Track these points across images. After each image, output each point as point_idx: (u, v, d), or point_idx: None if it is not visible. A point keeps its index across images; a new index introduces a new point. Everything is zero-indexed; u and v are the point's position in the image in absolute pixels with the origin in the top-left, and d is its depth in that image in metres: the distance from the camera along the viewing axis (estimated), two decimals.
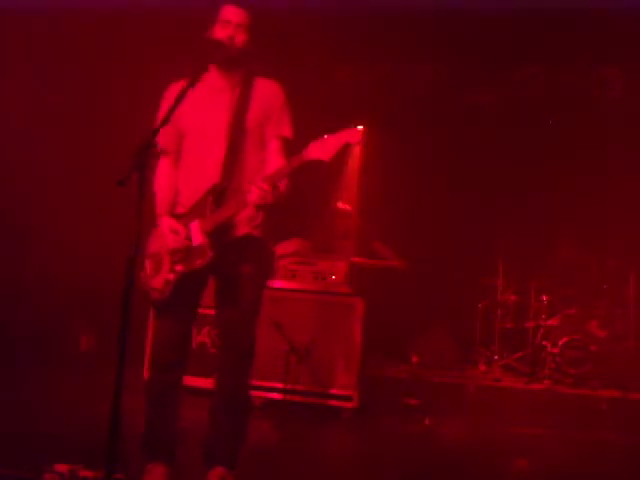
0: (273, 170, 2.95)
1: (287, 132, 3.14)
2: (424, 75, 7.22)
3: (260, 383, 4.98)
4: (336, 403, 4.94)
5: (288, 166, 2.86)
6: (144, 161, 2.36)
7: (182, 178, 3.11)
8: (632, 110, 6.83)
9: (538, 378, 6.02)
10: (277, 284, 5.31)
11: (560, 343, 6.09)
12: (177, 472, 3.08)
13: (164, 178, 3.12)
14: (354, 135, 2.77)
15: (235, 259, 3.03)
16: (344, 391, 4.94)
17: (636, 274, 6.36)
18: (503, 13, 5.86)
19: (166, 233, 3.00)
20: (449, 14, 5.89)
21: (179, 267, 2.97)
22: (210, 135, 3.03)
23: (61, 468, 2.97)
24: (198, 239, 2.96)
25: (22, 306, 6.36)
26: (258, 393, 4.98)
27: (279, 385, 4.93)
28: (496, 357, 6.50)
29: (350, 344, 5.00)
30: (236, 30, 2.99)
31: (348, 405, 4.92)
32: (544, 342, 6.26)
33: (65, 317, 6.64)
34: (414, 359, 6.55)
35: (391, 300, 6.23)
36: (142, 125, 3.12)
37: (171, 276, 2.98)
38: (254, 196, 2.81)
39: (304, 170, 2.83)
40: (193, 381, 4.65)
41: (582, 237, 6.62)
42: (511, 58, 6.64)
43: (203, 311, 3.26)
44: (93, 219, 6.45)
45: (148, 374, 3.08)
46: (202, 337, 5.26)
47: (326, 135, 2.79)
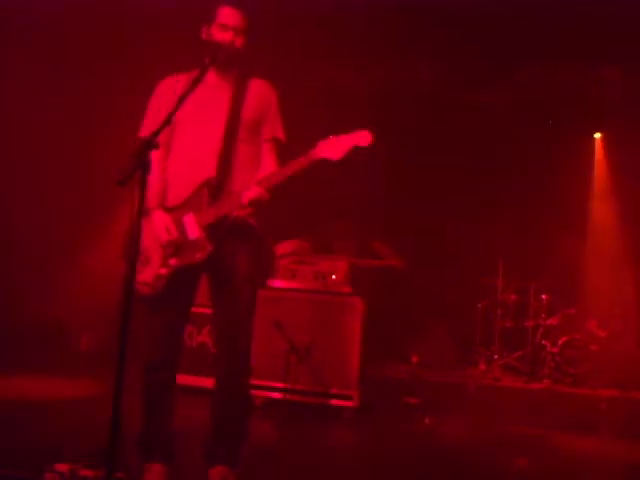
0: (272, 168, 2.98)
1: (280, 134, 3.17)
2: (424, 75, 7.22)
3: (260, 382, 4.99)
4: (336, 402, 4.95)
5: (297, 164, 2.84)
6: (145, 161, 2.36)
7: (173, 171, 3.09)
8: (632, 110, 6.84)
9: (538, 377, 6.04)
10: (277, 284, 5.32)
11: (560, 342, 6.10)
12: (178, 471, 3.09)
13: (154, 171, 3.01)
14: (365, 137, 2.78)
15: (229, 250, 2.99)
16: (344, 390, 4.94)
17: (635, 274, 6.37)
18: (503, 13, 5.86)
19: (160, 227, 2.96)
20: (449, 14, 5.88)
21: (173, 261, 2.94)
22: (204, 130, 3.03)
23: (61, 467, 2.97)
24: (195, 233, 2.93)
25: (22, 306, 6.36)
26: (258, 393, 4.99)
27: (279, 384, 4.94)
28: (496, 356, 6.50)
29: (350, 344, 5.00)
30: (236, 34, 3.01)
31: (348, 404, 4.93)
32: (544, 341, 6.27)
33: (65, 317, 6.65)
34: (414, 358, 6.56)
35: (391, 300, 6.24)
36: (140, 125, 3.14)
37: (164, 270, 2.94)
38: (254, 193, 2.83)
39: (312, 169, 2.83)
40: (194, 380, 4.67)
41: (582, 236, 6.63)
42: (511, 58, 6.64)
43: (203, 310, 3.25)
44: (93, 218, 6.45)
45: (141, 373, 3.05)
46: (202, 337, 5.27)
47: (333, 135, 2.79)
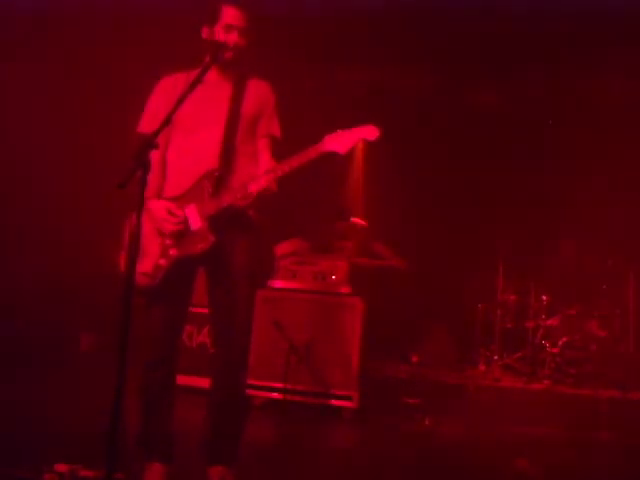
0: (271, 164, 3.01)
1: (277, 132, 3.20)
2: (424, 76, 7.21)
3: (260, 383, 4.99)
4: (336, 403, 4.95)
5: (304, 156, 2.84)
6: (145, 160, 2.35)
7: (174, 162, 3.10)
8: (632, 111, 6.83)
9: (538, 378, 6.02)
10: (277, 284, 5.31)
11: (560, 343, 6.09)
12: (178, 471, 3.09)
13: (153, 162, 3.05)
14: (372, 132, 2.81)
15: (228, 243, 2.98)
16: (344, 391, 4.94)
17: (635, 274, 6.37)
18: (504, 13, 5.86)
19: (161, 215, 2.95)
20: (449, 14, 5.88)
21: (174, 252, 2.93)
22: (205, 123, 3.05)
23: (61, 468, 2.97)
24: (197, 223, 2.93)
25: (23, 306, 6.36)
26: (258, 393, 4.99)
27: (279, 385, 4.94)
28: (496, 357, 6.49)
29: (350, 344, 5.00)
30: (240, 35, 3.03)
31: (348, 405, 4.93)
32: (544, 342, 6.26)
33: (65, 317, 6.64)
34: (414, 359, 6.55)
35: (391, 300, 6.23)
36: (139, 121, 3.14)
37: (163, 261, 2.93)
38: (263, 182, 2.86)
39: (318, 161, 2.85)
40: (194, 381, 4.66)
41: (582, 237, 6.62)
42: (511, 58, 6.63)
43: (202, 310, 3.25)
44: (93, 218, 6.44)
45: (140, 372, 3.04)
46: (202, 337, 5.26)
47: (340, 130, 2.81)
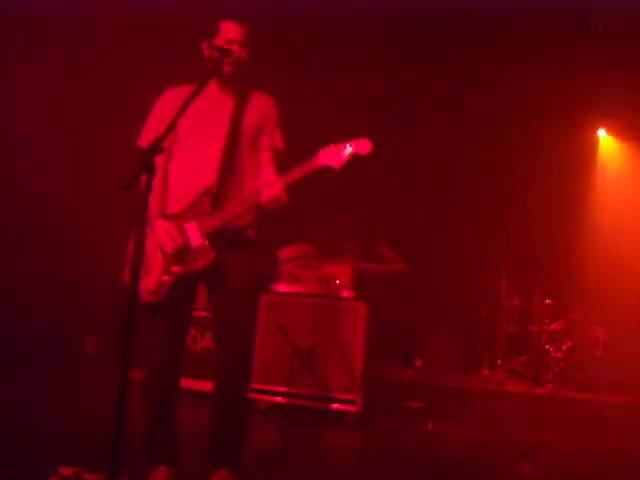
0: (274, 177, 3.01)
1: (279, 144, 3.22)
2: (424, 76, 7.21)
3: (264, 387, 4.99)
4: (339, 407, 4.94)
5: (300, 171, 2.87)
6: (150, 165, 2.37)
7: (175, 179, 3.12)
8: (632, 112, 6.84)
9: (542, 382, 6.02)
10: (281, 288, 5.32)
11: (564, 347, 6.09)
12: (183, 474, 3.09)
13: (156, 178, 3.07)
14: (364, 146, 2.82)
15: (228, 259, 3.01)
16: (347, 395, 4.94)
17: (638, 277, 6.36)
18: (504, 14, 5.86)
19: (163, 235, 2.99)
20: (449, 15, 5.88)
21: (176, 268, 2.97)
22: (206, 139, 3.07)
23: (65, 471, 2.98)
24: (197, 240, 2.96)
25: (25, 308, 6.36)
26: (262, 397, 4.99)
27: (283, 389, 4.94)
28: (499, 361, 6.49)
29: (353, 348, 5.00)
30: (239, 48, 3.05)
31: (351, 409, 4.92)
32: (548, 346, 6.26)
33: (69, 320, 6.65)
34: (418, 363, 6.56)
35: (394, 304, 6.24)
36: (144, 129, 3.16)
37: (166, 278, 2.97)
38: (268, 194, 2.87)
39: (312, 176, 2.87)
40: (198, 384, 4.66)
41: (585, 241, 6.62)
42: (511, 58, 6.63)
43: (206, 314, 3.25)
44: (96, 220, 6.46)
45: (145, 379, 3.07)
46: (206, 341, 5.26)
47: (333, 144, 2.83)
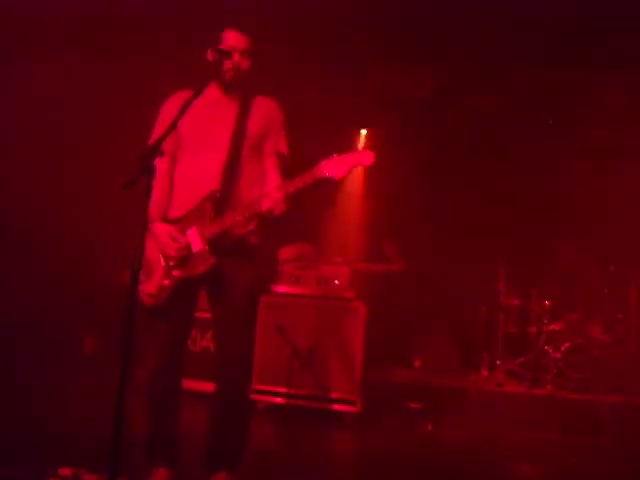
0: (278, 183, 3.02)
1: (283, 149, 3.21)
2: (424, 76, 7.21)
3: (263, 387, 4.99)
4: (339, 407, 4.94)
5: (301, 181, 2.85)
6: (151, 166, 2.37)
7: (178, 183, 3.12)
8: (633, 113, 6.83)
9: (541, 383, 6.02)
10: (280, 289, 5.32)
11: (563, 348, 6.09)
12: (182, 475, 3.10)
13: (159, 182, 3.05)
14: (367, 157, 2.80)
15: (229, 265, 3.02)
16: (347, 395, 4.94)
17: (637, 278, 6.36)
18: (504, 14, 5.86)
19: (164, 239, 3.00)
20: (449, 14, 5.88)
21: (176, 273, 2.99)
22: (210, 144, 3.06)
23: (65, 472, 2.99)
24: (198, 245, 2.97)
25: (25, 308, 6.36)
26: (261, 397, 5.00)
27: (282, 389, 4.95)
28: (498, 362, 6.49)
29: (353, 349, 5.00)
30: (241, 57, 3.04)
31: (351, 409, 4.92)
32: (546, 347, 6.26)
33: (69, 320, 6.65)
34: (416, 363, 6.56)
35: (394, 304, 6.24)
36: (146, 129, 3.16)
37: (167, 282, 2.99)
38: (269, 203, 2.85)
39: (314, 187, 2.86)
40: (198, 385, 4.67)
41: (584, 241, 6.62)
42: (511, 59, 6.63)
43: (206, 315, 3.26)
44: (97, 221, 6.46)
45: (146, 381, 3.08)
46: (206, 342, 5.27)
47: (336, 154, 2.80)
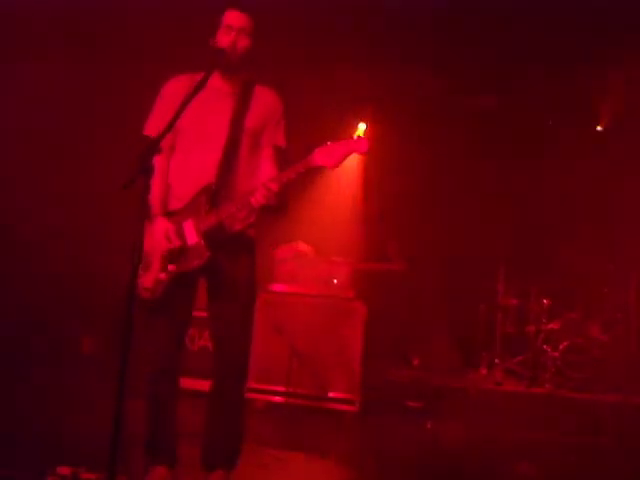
0: (273, 174, 2.97)
1: (281, 141, 3.18)
2: (424, 76, 7.21)
3: (262, 386, 4.99)
4: (338, 406, 4.95)
5: (293, 170, 2.83)
6: (149, 164, 2.36)
7: (176, 175, 3.10)
8: (632, 114, 6.84)
9: (539, 382, 6.03)
10: (279, 287, 5.31)
11: (561, 347, 6.09)
12: (179, 475, 3.09)
13: (158, 175, 2.97)
14: (361, 145, 2.75)
15: (228, 259, 3.02)
16: (346, 394, 4.94)
17: (637, 278, 6.37)
18: (503, 14, 5.86)
19: (160, 234, 2.98)
20: (449, 14, 5.88)
21: (172, 267, 2.96)
22: (208, 136, 3.05)
23: (63, 470, 2.98)
24: (193, 239, 2.95)
25: (25, 308, 6.35)
26: (260, 396, 5.00)
27: (281, 388, 4.95)
28: (497, 361, 6.49)
29: (352, 347, 5.00)
30: (238, 35, 3.00)
31: (350, 408, 4.93)
32: (545, 346, 6.26)
33: (69, 320, 6.64)
34: (416, 362, 6.56)
35: (393, 304, 6.24)
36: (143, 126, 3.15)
37: (163, 276, 2.97)
38: (260, 196, 2.83)
39: (306, 175, 2.83)
40: (196, 384, 4.66)
41: (584, 241, 6.62)
42: (512, 59, 6.64)
43: (204, 314, 3.25)
44: (97, 220, 6.45)
45: (144, 379, 3.07)
46: (204, 340, 5.26)
47: (330, 142, 2.77)
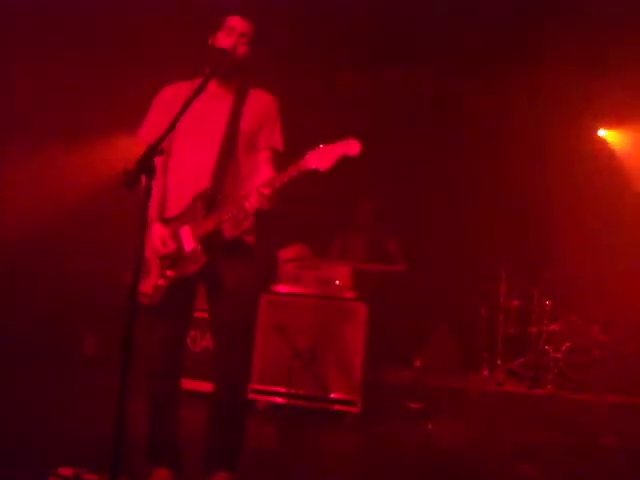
0: (268, 178, 2.94)
1: (278, 144, 3.17)
2: (424, 77, 7.21)
3: (264, 387, 5.00)
4: (339, 408, 4.94)
5: (286, 175, 2.80)
6: (150, 166, 2.36)
7: (172, 181, 3.10)
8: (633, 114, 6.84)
9: (541, 383, 6.03)
10: (281, 289, 5.32)
11: (563, 348, 6.10)
12: (181, 476, 3.10)
13: (156, 181, 2.89)
14: (353, 146, 2.70)
15: (226, 264, 3.02)
16: (347, 396, 4.94)
17: (638, 278, 6.36)
18: (503, 14, 5.86)
19: (156, 239, 2.99)
20: (449, 15, 5.88)
21: (170, 272, 2.97)
22: (203, 140, 3.05)
23: (65, 471, 2.98)
24: (190, 245, 2.95)
25: (26, 308, 6.36)
26: (262, 397, 5.00)
27: (283, 389, 4.95)
28: (499, 362, 6.50)
29: (353, 349, 5.00)
30: (239, 39, 3.01)
31: (351, 410, 4.93)
32: (547, 347, 6.26)
33: (69, 320, 6.65)
34: (417, 364, 6.55)
35: (394, 305, 6.23)
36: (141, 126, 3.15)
37: (161, 281, 2.98)
38: (254, 201, 2.80)
39: (300, 179, 2.80)
40: (198, 385, 4.66)
41: (585, 241, 6.62)
42: (511, 59, 6.64)
43: (206, 315, 3.25)
44: (97, 220, 6.46)
45: (145, 382, 3.07)
46: (206, 342, 5.26)
47: (322, 145, 2.73)
